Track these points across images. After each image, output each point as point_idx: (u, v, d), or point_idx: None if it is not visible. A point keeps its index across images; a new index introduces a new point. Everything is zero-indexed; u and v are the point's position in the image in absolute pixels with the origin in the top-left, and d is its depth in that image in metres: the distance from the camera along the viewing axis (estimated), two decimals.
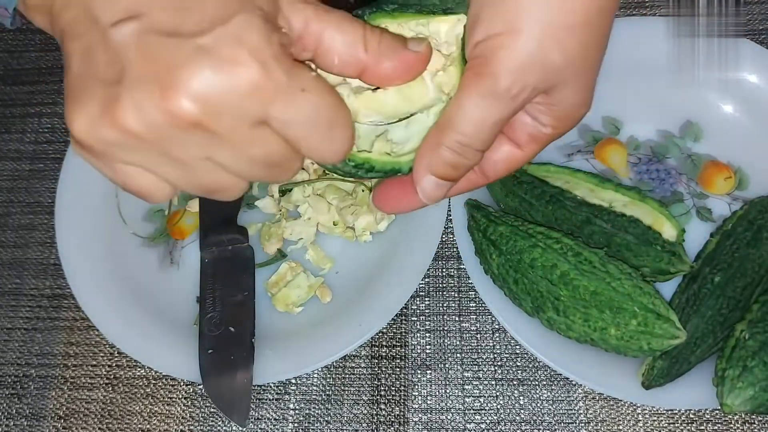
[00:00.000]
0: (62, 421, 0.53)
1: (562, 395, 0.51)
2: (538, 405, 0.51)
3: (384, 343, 0.54)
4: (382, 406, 0.52)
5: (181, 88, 0.27)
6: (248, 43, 0.28)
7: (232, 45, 0.28)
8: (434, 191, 0.37)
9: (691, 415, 0.50)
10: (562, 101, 0.36)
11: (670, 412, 0.50)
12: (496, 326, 0.54)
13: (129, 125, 0.28)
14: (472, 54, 0.34)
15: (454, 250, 0.56)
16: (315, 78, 0.30)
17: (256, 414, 0.52)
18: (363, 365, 0.53)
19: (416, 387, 0.52)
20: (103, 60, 0.28)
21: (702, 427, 0.50)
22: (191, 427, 0.52)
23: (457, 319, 0.54)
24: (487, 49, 0.33)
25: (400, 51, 0.33)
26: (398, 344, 0.54)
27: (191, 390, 0.53)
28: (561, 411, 0.51)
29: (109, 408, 0.53)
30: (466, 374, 0.52)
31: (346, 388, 0.52)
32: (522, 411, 0.51)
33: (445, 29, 0.36)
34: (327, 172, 0.37)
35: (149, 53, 0.28)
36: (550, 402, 0.51)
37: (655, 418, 0.50)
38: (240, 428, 0.51)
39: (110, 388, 0.53)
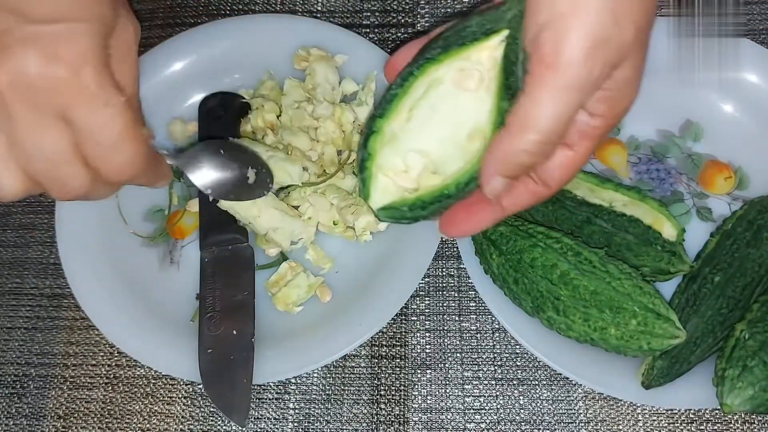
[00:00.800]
0: (62, 420, 0.53)
1: (562, 395, 0.51)
2: (538, 405, 0.51)
3: (384, 343, 0.54)
4: (382, 406, 0.52)
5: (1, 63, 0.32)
6: (77, 47, 0.33)
7: (63, 43, 0.33)
8: (501, 189, 0.37)
9: (691, 415, 0.50)
10: (620, 81, 0.34)
11: (669, 412, 0.50)
12: (496, 326, 0.54)
13: None
14: (536, 42, 0.33)
15: (454, 249, 0.56)
16: (121, 100, 0.35)
17: (256, 413, 0.52)
18: (363, 365, 0.53)
19: (416, 386, 0.52)
20: None
21: (702, 427, 0.50)
22: (191, 427, 0.52)
23: (457, 318, 0.54)
24: (553, 34, 0.32)
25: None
26: (398, 344, 0.54)
27: (191, 389, 0.53)
28: (561, 411, 0.51)
29: (109, 407, 0.53)
30: (466, 374, 0.52)
31: (346, 388, 0.53)
32: (522, 411, 0.51)
33: (485, 56, 0.37)
34: (379, 218, 0.41)
35: None
36: (550, 402, 0.51)
37: (655, 418, 0.50)
38: (240, 428, 0.51)
39: (110, 388, 0.54)
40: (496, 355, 0.53)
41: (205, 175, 0.46)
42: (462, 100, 0.38)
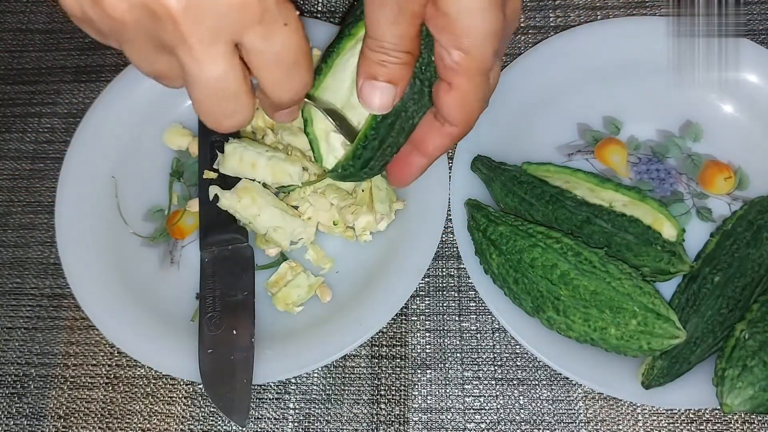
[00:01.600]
0: (62, 420, 0.53)
1: (561, 395, 0.51)
2: (538, 405, 0.51)
3: (384, 343, 0.54)
4: (382, 406, 0.52)
5: None
6: None
7: None
8: (373, 94, 0.40)
9: (691, 415, 0.50)
10: (454, 6, 0.37)
11: (669, 412, 0.50)
12: (496, 326, 0.54)
13: (111, 9, 0.30)
14: None
15: (454, 249, 0.56)
16: (298, 17, 0.33)
17: (256, 413, 0.52)
18: (363, 365, 0.53)
19: (416, 386, 0.52)
20: None
21: (702, 427, 0.50)
22: (191, 427, 0.52)
23: (457, 318, 0.54)
24: None
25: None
26: (398, 344, 0.54)
27: (191, 389, 0.53)
28: (561, 411, 0.51)
29: (109, 407, 0.53)
30: (466, 374, 0.52)
31: (346, 388, 0.53)
32: (522, 411, 0.51)
33: None
34: (334, 179, 0.48)
35: None
36: (550, 402, 0.51)
37: (655, 418, 0.50)
38: (240, 428, 0.51)
39: (110, 388, 0.54)
40: (496, 355, 0.53)
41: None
42: None
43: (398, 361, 0.53)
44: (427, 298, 0.55)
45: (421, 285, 0.55)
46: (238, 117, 0.35)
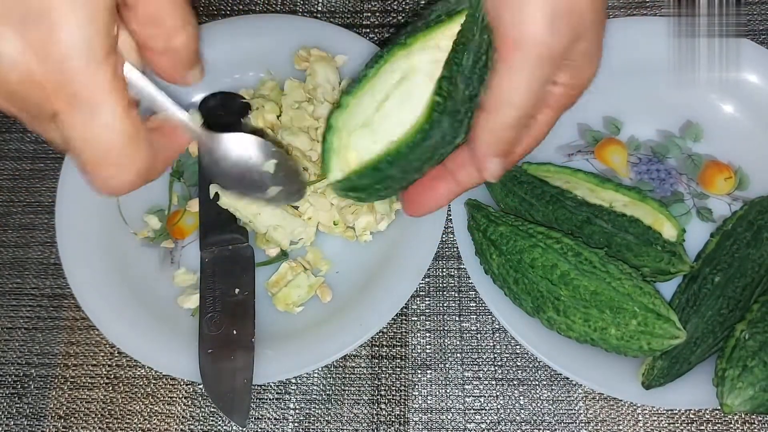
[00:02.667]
0: (63, 420, 0.53)
1: (562, 395, 0.51)
2: (539, 405, 0.51)
3: (384, 343, 0.54)
4: (383, 406, 0.52)
5: None
6: (63, 31, 0.26)
7: (45, 27, 0.26)
8: (499, 169, 0.38)
9: (691, 415, 0.50)
10: (580, 54, 0.35)
11: (670, 412, 0.50)
12: (497, 326, 0.54)
13: None
14: (497, 18, 0.34)
15: (455, 250, 0.56)
16: (118, 104, 0.28)
17: (257, 413, 0.52)
18: (363, 365, 0.53)
19: (416, 387, 0.52)
20: None
21: (702, 427, 0.50)
22: (192, 427, 0.52)
23: (457, 319, 0.54)
24: (512, 9, 0.33)
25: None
26: (398, 344, 0.54)
27: (192, 389, 0.53)
28: (561, 411, 0.51)
29: (109, 407, 0.53)
30: (466, 374, 0.52)
31: (347, 388, 0.53)
32: (522, 411, 0.51)
33: (448, 41, 0.38)
34: (336, 192, 0.43)
35: None
36: (551, 402, 0.51)
37: (655, 418, 0.50)
38: (240, 428, 0.51)
39: (111, 388, 0.54)
40: (496, 355, 0.53)
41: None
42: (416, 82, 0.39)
43: (398, 361, 0.53)
44: (427, 298, 0.55)
45: (421, 285, 0.55)
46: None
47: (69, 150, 0.30)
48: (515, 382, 0.52)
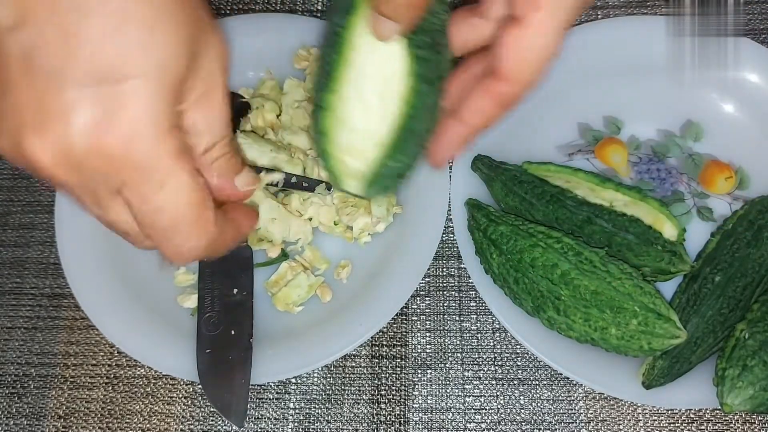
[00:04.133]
0: (62, 420, 0.53)
1: (562, 395, 0.51)
2: (539, 405, 0.51)
3: (384, 343, 0.54)
4: (383, 406, 0.52)
5: (48, 136, 0.27)
6: (129, 111, 0.27)
7: (112, 108, 0.27)
8: (379, 26, 0.33)
9: (692, 415, 0.50)
10: None
11: (670, 412, 0.50)
12: (497, 326, 0.54)
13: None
14: None
15: (455, 249, 0.56)
16: (185, 175, 0.29)
17: (257, 413, 0.52)
18: (363, 365, 0.53)
19: (417, 386, 0.52)
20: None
21: (702, 427, 0.50)
22: (191, 427, 0.52)
23: (457, 318, 0.54)
24: None
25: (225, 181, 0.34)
26: (399, 344, 0.54)
27: (191, 389, 0.53)
28: (561, 411, 0.51)
29: (109, 407, 0.53)
30: (466, 374, 0.52)
31: (347, 388, 0.52)
32: (522, 411, 0.51)
33: None
34: (367, 197, 0.41)
35: (31, 80, 0.26)
36: (551, 402, 0.51)
37: (656, 418, 0.50)
38: (238, 428, 0.51)
39: (110, 388, 0.53)
40: (496, 355, 0.53)
41: None
42: (381, 53, 0.35)
43: (398, 361, 0.53)
44: (427, 298, 0.55)
45: (421, 285, 0.55)
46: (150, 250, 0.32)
47: (137, 222, 0.30)
48: (515, 382, 0.52)
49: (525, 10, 0.32)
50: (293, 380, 0.53)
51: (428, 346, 0.53)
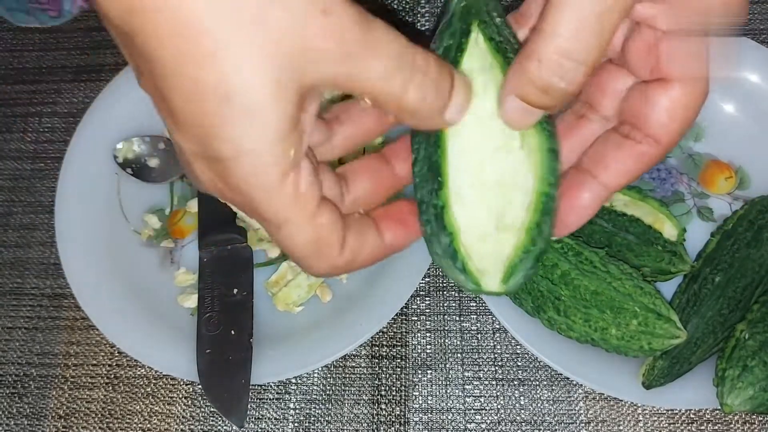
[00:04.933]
0: (63, 420, 0.53)
1: (562, 395, 0.51)
2: (539, 405, 0.51)
3: (384, 343, 0.54)
4: (383, 406, 0.52)
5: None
6: (251, 173, 0.27)
7: (236, 171, 0.27)
8: (518, 116, 0.30)
9: (692, 415, 0.50)
10: None
11: (670, 412, 0.50)
12: (497, 326, 0.54)
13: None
14: None
15: None
16: (306, 213, 0.29)
17: (257, 413, 0.52)
18: (363, 365, 0.53)
19: (417, 387, 0.52)
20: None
21: (702, 427, 0.50)
22: (192, 427, 0.52)
23: (457, 318, 0.54)
24: None
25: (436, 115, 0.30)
26: (399, 344, 0.54)
27: (192, 389, 0.53)
28: (561, 411, 0.51)
29: (109, 407, 0.53)
30: (466, 374, 0.52)
31: (347, 388, 0.53)
32: (522, 411, 0.51)
33: (477, 55, 0.32)
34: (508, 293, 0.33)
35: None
36: (551, 402, 0.51)
37: (656, 418, 0.50)
38: (238, 429, 0.51)
39: (111, 388, 0.54)
40: (496, 355, 0.53)
41: None
42: (494, 129, 0.32)
43: (399, 361, 0.53)
44: (427, 298, 0.55)
45: (421, 285, 0.55)
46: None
47: None
48: (516, 382, 0.52)
49: (675, 67, 0.30)
50: (293, 380, 0.53)
51: (428, 347, 0.53)
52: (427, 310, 0.54)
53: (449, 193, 0.31)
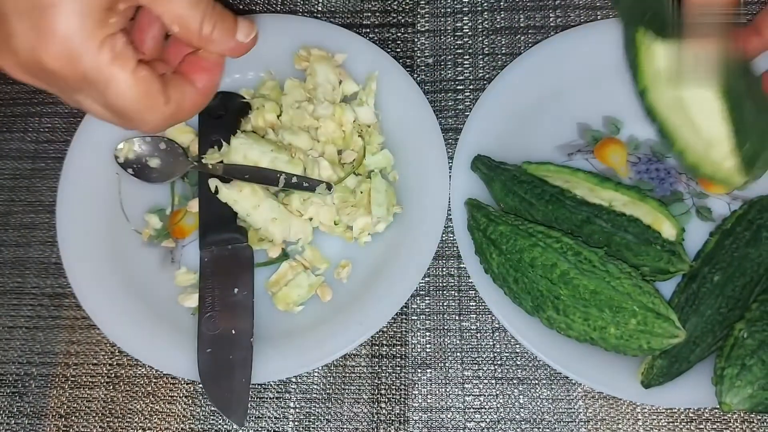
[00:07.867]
0: (63, 419, 0.53)
1: (561, 394, 0.51)
2: (538, 404, 0.51)
3: (384, 342, 0.54)
4: (383, 405, 0.52)
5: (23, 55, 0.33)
6: (64, 24, 0.32)
7: (50, 22, 0.32)
8: None
9: (691, 414, 0.50)
10: None
11: (669, 411, 0.50)
12: (496, 325, 0.54)
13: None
14: None
15: (455, 249, 0.56)
16: (128, 71, 0.34)
17: (257, 412, 0.52)
18: (363, 364, 0.53)
19: (416, 386, 0.52)
20: None
21: (701, 426, 0.50)
22: (192, 426, 0.52)
23: (457, 318, 0.54)
24: None
25: (228, 41, 0.38)
26: (398, 343, 0.54)
27: (192, 388, 0.53)
28: (561, 410, 0.51)
29: (110, 406, 0.53)
30: (466, 373, 0.53)
31: (347, 387, 0.53)
32: (522, 410, 0.51)
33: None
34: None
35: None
36: (550, 401, 0.51)
37: (655, 417, 0.50)
38: (239, 428, 0.52)
39: (111, 387, 0.54)
40: (496, 354, 0.53)
41: None
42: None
43: (398, 360, 0.53)
44: (427, 298, 0.55)
45: (421, 284, 0.55)
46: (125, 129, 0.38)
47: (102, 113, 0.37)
48: (515, 381, 0.52)
49: None
50: (293, 379, 0.53)
51: (428, 346, 0.53)
52: (427, 310, 0.55)
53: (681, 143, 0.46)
